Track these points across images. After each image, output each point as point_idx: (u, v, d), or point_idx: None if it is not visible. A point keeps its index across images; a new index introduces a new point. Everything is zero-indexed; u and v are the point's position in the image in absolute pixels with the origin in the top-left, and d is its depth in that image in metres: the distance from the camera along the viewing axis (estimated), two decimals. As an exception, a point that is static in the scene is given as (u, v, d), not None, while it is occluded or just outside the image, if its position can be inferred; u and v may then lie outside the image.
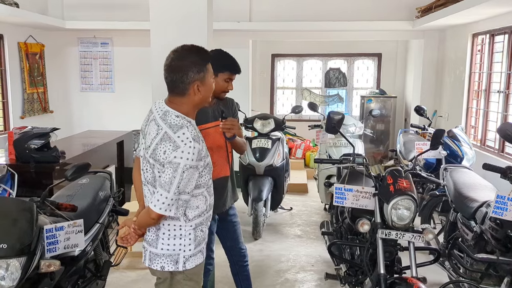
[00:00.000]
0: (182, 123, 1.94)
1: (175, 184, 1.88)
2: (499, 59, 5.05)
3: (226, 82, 2.69)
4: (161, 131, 1.93)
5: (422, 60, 6.91)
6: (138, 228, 2.09)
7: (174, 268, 2.05)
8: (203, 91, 2.00)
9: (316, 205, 6.07)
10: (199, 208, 2.07)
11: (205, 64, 2.00)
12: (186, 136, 1.90)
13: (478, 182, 3.58)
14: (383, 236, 2.65)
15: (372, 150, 7.95)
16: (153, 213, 1.94)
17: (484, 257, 2.66)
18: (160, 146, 1.91)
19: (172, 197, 1.91)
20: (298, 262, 4.30)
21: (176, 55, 1.99)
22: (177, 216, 2.02)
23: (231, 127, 2.57)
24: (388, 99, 8.03)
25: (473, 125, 5.78)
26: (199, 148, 1.92)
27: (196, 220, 2.07)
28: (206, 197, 2.10)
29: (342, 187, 2.87)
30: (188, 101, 2.00)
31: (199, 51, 2.03)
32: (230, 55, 2.76)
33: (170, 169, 1.88)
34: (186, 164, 1.88)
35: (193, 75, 1.95)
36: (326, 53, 8.61)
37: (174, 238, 2.04)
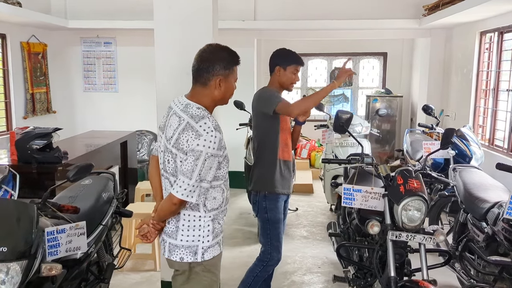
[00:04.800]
0: (203, 114, 2.02)
1: (196, 171, 1.95)
2: (508, 57, 4.96)
3: (293, 74, 3.00)
4: (183, 121, 2.00)
5: (429, 58, 6.82)
6: (157, 223, 2.13)
7: (193, 259, 2.09)
8: (224, 89, 2.09)
9: (322, 206, 6.00)
10: (216, 199, 2.11)
11: (232, 65, 2.11)
12: (207, 125, 1.97)
13: (489, 182, 3.51)
14: (394, 238, 2.58)
15: (377, 150, 7.87)
16: (175, 198, 1.99)
17: (498, 260, 2.59)
18: (183, 136, 1.97)
19: (194, 184, 1.96)
20: (305, 263, 4.23)
21: (209, 48, 2.13)
22: (197, 206, 2.07)
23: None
24: (394, 99, 7.95)
25: (481, 124, 5.69)
26: (220, 137, 2.00)
27: (214, 212, 2.12)
28: (223, 190, 2.15)
29: (350, 188, 2.81)
30: (209, 93, 2.08)
31: (231, 52, 2.14)
32: (292, 51, 3.07)
33: (193, 157, 1.94)
34: (208, 152, 1.94)
35: (219, 69, 2.06)
36: (331, 52, 8.53)
37: (194, 229, 2.08)
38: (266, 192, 3.00)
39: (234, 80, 2.16)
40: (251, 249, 4.54)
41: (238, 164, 5.60)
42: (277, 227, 3.02)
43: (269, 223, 3.02)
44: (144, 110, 6.63)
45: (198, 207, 2.09)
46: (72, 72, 7.16)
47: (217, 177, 2.09)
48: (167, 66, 3.16)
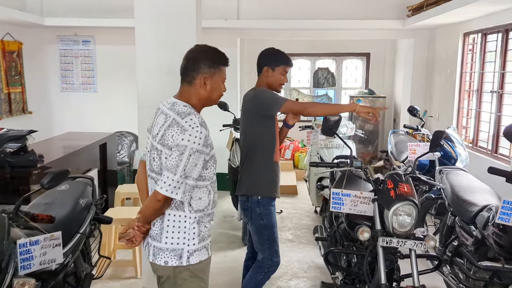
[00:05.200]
0: (190, 111, 2.01)
1: (181, 166, 1.91)
2: (492, 58, 4.97)
3: (282, 75, 2.94)
4: (169, 118, 1.99)
5: (412, 59, 6.82)
6: (142, 225, 2.09)
7: (178, 263, 2.03)
8: (209, 88, 2.07)
9: (307, 208, 5.93)
10: (202, 200, 2.06)
11: (219, 65, 2.09)
12: (193, 121, 1.96)
13: (476, 185, 3.48)
14: (384, 244, 2.51)
15: (361, 150, 7.85)
16: (159, 194, 1.95)
17: (489, 265, 2.54)
18: (168, 131, 1.96)
19: (178, 180, 1.92)
20: (290, 268, 4.15)
21: (197, 47, 2.15)
22: (182, 205, 2.03)
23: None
24: (377, 99, 7.94)
25: (464, 125, 5.71)
26: (206, 133, 1.97)
27: (200, 213, 2.07)
28: (210, 191, 2.10)
29: (339, 192, 2.73)
30: (194, 92, 2.07)
31: (218, 53, 2.13)
32: (281, 51, 3.00)
33: (177, 151, 1.92)
34: (192, 147, 1.92)
35: (204, 67, 2.05)
36: (314, 53, 8.49)
37: (179, 231, 2.03)
38: (259, 197, 2.92)
39: (222, 81, 2.12)
40: (236, 253, 4.44)
41: (222, 166, 5.46)
42: (274, 231, 2.97)
43: (265, 228, 2.94)
44: (124, 111, 6.44)
45: (183, 206, 2.03)
46: (48, 72, 6.92)
47: (203, 177, 2.04)
48: (148, 66, 3.03)
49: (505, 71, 4.67)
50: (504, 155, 4.65)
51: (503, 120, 4.72)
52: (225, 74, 2.14)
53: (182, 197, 1.97)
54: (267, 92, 2.92)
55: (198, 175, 2.00)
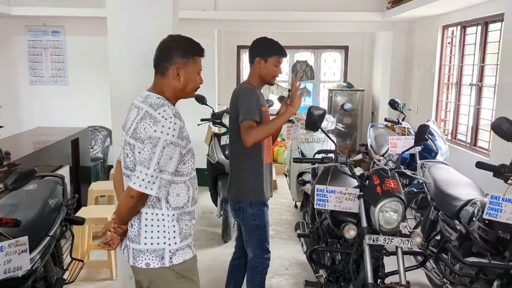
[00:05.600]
0: (163, 103, 1.92)
1: (155, 159, 1.81)
2: (471, 51, 4.97)
3: (275, 67, 2.78)
4: (142, 110, 1.90)
5: (391, 52, 6.80)
6: (118, 226, 1.98)
7: (160, 264, 1.93)
8: (183, 79, 1.97)
9: (287, 202, 5.85)
10: (180, 197, 1.96)
11: (192, 55, 1.99)
12: (167, 112, 1.86)
13: (458, 179, 3.45)
14: (371, 242, 2.43)
15: (339, 143, 7.81)
16: (133, 190, 1.84)
17: (475, 261, 2.50)
18: (141, 124, 1.87)
19: (152, 174, 1.82)
20: (272, 265, 3.98)
21: (170, 37, 2.05)
22: (159, 202, 1.92)
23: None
24: (355, 93, 7.92)
25: (443, 118, 5.72)
26: (181, 125, 1.87)
27: (179, 211, 1.96)
28: (188, 187, 2.00)
29: (324, 189, 2.64)
30: (167, 83, 1.97)
31: (192, 42, 2.03)
32: (275, 40, 2.83)
33: (150, 144, 1.82)
34: (166, 139, 1.82)
35: (176, 57, 1.95)
36: (292, 45, 8.37)
37: (158, 231, 1.93)
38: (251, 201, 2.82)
39: (197, 72, 2.02)
40: (215, 251, 4.32)
41: (200, 161, 5.32)
42: (266, 230, 2.90)
43: (257, 229, 2.85)
44: (98, 105, 6.21)
45: (159, 204, 1.93)
46: (16, 64, 6.60)
47: (180, 172, 1.94)
48: (121, 58, 2.86)
49: (484, 64, 4.67)
50: (483, 148, 4.66)
51: (482, 113, 4.73)
52: (200, 65, 2.03)
53: (158, 192, 1.85)
54: (247, 98, 2.72)
55: (175, 170, 1.90)
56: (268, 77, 2.80)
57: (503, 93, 4.17)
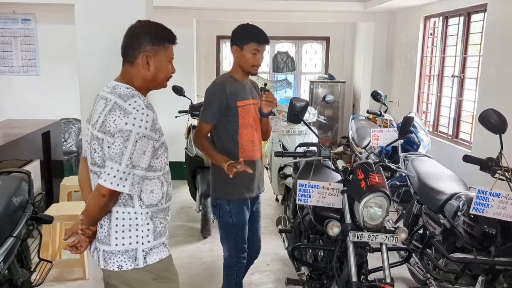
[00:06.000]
0: (134, 93, 1.79)
1: (127, 154, 1.69)
2: (453, 42, 4.92)
3: (253, 54, 2.57)
4: (110, 102, 1.77)
5: (373, 43, 6.73)
6: (86, 227, 1.85)
7: (133, 266, 1.80)
8: (153, 68, 1.83)
9: (267, 196, 5.73)
10: (154, 193, 1.84)
11: (162, 42, 1.85)
12: (138, 103, 1.73)
13: (442, 172, 3.40)
14: (355, 239, 2.34)
15: (320, 136, 7.66)
16: (103, 188, 1.71)
17: (461, 257, 2.43)
18: (109, 117, 1.73)
19: (125, 170, 1.69)
20: (252, 261, 3.94)
21: (138, 23, 1.90)
22: (131, 200, 1.79)
23: (270, 102, 2.59)
24: (336, 84, 7.85)
25: (424, 110, 5.68)
26: (153, 117, 1.75)
27: (152, 208, 1.85)
28: (162, 183, 1.88)
29: (306, 184, 2.53)
30: (136, 73, 1.84)
31: (163, 28, 1.90)
32: (254, 26, 2.64)
33: (121, 138, 1.69)
34: (138, 132, 1.69)
35: (145, 44, 1.81)
36: (273, 36, 8.23)
37: (130, 230, 1.81)
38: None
39: (168, 60, 1.89)
40: (194, 248, 4.19)
41: (178, 154, 5.19)
42: (243, 229, 2.75)
43: (234, 227, 2.71)
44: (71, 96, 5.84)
45: (132, 201, 1.80)
46: (-16, 53, 6.29)
47: (153, 167, 1.82)
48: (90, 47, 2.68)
49: (466, 55, 4.63)
50: (465, 140, 4.63)
51: (464, 105, 4.70)
52: (172, 53, 1.90)
53: (131, 189, 1.73)
54: (208, 97, 2.63)
55: (148, 165, 1.77)
56: (247, 66, 2.62)
57: (485, 85, 4.13)
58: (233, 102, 2.59)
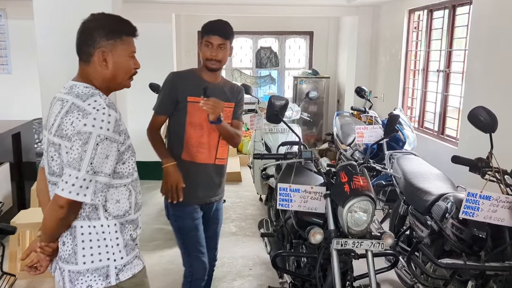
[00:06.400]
0: (93, 92, 1.62)
1: (86, 159, 1.51)
2: (438, 36, 4.81)
3: (206, 47, 2.41)
4: (67, 103, 1.60)
5: (357, 38, 6.61)
6: (46, 244, 1.65)
7: (105, 284, 1.64)
8: (112, 66, 1.66)
9: (251, 196, 5.60)
10: (120, 203, 1.67)
11: (119, 35, 1.67)
12: (98, 103, 1.57)
13: (429, 171, 3.28)
14: (339, 247, 2.20)
15: (305, 132, 7.62)
16: (61, 199, 1.52)
17: (450, 263, 2.31)
18: (66, 119, 1.56)
19: (85, 177, 1.52)
20: (234, 266, 3.80)
21: (91, 17, 1.71)
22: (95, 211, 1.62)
23: (213, 108, 2.28)
24: (320, 80, 7.72)
25: (409, 106, 5.58)
26: (116, 117, 1.58)
27: (120, 220, 1.68)
28: (130, 191, 1.70)
29: (287, 187, 2.38)
30: (94, 72, 1.67)
31: (118, 20, 1.72)
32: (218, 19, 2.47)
33: (79, 141, 1.52)
34: (100, 134, 1.53)
35: (99, 39, 1.64)
36: (256, 31, 8.07)
37: (99, 246, 1.63)
38: None
39: (129, 55, 1.71)
40: (173, 253, 4.00)
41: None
42: (192, 235, 2.50)
43: (181, 231, 2.51)
44: (45, 95, 5.71)
45: (97, 213, 1.63)
46: (-48, 50, 5.99)
47: (119, 174, 1.65)
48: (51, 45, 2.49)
49: (452, 49, 4.53)
50: (451, 137, 4.53)
51: (450, 100, 4.60)
52: (132, 47, 1.72)
53: (93, 198, 1.55)
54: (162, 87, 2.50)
55: (112, 171, 1.60)
56: (203, 60, 2.46)
57: (471, 79, 4.03)
58: (182, 96, 2.41)
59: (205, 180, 2.52)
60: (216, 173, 2.57)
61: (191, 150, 2.45)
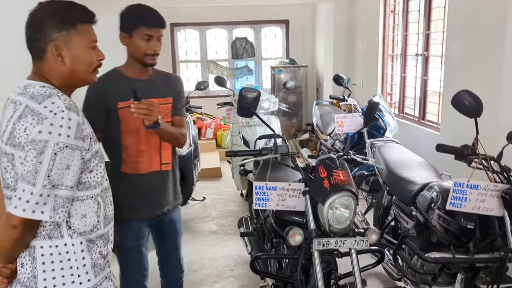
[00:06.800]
0: (51, 93, 1.42)
1: (43, 172, 1.32)
2: (415, 19, 4.69)
3: (144, 41, 2.05)
4: (20, 106, 1.40)
5: (333, 24, 6.46)
6: (2, 266, 1.47)
7: None
8: (69, 60, 1.46)
9: (232, 191, 5.43)
10: (86, 218, 1.48)
11: (73, 23, 1.46)
12: (56, 105, 1.37)
13: (411, 159, 3.16)
14: (320, 248, 2.05)
15: (285, 123, 7.47)
16: (14, 218, 1.34)
17: (438, 258, 2.20)
18: (19, 125, 1.37)
19: (41, 192, 1.33)
20: (215, 267, 3.63)
21: (40, 6, 1.48)
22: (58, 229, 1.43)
23: (148, 112, 1.95)
24: (298, 69, 7.56)
25: (389, 92, 5.47)
26: (78, 120, 1.39)
27: (86, 236, 1.48)
28: (99, 203, 1.52)
29: (263, 186, 2.22)
30: (50, 70, 1.46)
31: (71, 6, 1.50)
32: (145, 6, 2.12)
33: (34, 151, 1.33)
34: (58, 141, 1.33)
35: (50, 31, 1.43)
36: (231, 21, 7.86)
37: (62, 268, 1.44)
38: None
39: (88, 46, 1.49)
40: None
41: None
42: (133, 256, 2.23)
43: (120, 251, 2.20)
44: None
45: (59, 231, 1.44)
46: None
47: (86, 184, 1.46)
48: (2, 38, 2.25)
49: (429, 32, 4.41)
50: (432, 122, 4.44)
51: (430, 85, 4.49)
52: (92, 35, 1.51)
53: (53, 216, 1.36)
54: (85, 101, 2.12)
55: (76, 182, 1.40)
56: (139, 55, 2.07)
57: (450, 62, 3.92)
58: (113, 104, 2.09)
59: (152, 191, 2.21)
60: (164, 180, 2.25)
61: (131, 161, 2.14)
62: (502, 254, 2.08)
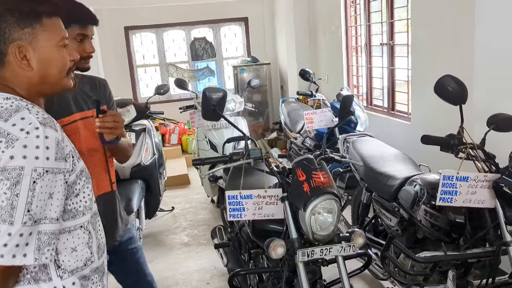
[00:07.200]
0: (18, 106, 1.14)
1: (21, 206, 1.06)
2: (378, 7, 4.60)
3: (77, 41, 1.69)
4: None
5: (293, 19, 6.32)
6: None
7: None
8: (35, 64, 1.19)
9: (202, 198, 5.19)
10: (77, 251, 1.22)
11: (38, 18, 1.18)
12: (28, 121, 1.10)
13: (388, 152, 3.04)
14: (305, 259, 1.86)
15: (251, 123, 7.28)
16: None
17: (429, 257, 2.05)
18: None
19: (21, 231, 1.07)
20: (189, 282, 3.39)
21: None
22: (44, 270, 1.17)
23: (115, 125, 1.69)
24: (261, 67, 7.38)
25: (355, 84, 5.38)
26: (57, 137, 1.13)
27: (79, 273, 1.23)
28: (90, 233, 1.27)
29: (237, 195, 2.01)
30: (14, 76, 1.18)
31: None
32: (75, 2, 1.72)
33: (7, 181, 1.06)
34: (36, 166, 1.08)
35: (10, 29, 1.15)
36: (188, 21, 7.58)
37: None
38: None
39: (59, 44, 1.23)
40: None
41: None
42: None
43: None
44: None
45: (46, 272, 1.18)
46: None
47: (73, 212, 1.21)
48: None
49: (393, 20, 4.32)
50: (402, 112, 4.35)
51: (397, 74, 4.40)
52: (61, 31, 1.24)
53: (38, 257, 1.10)
54: None
55: (61, 212, 1.15)
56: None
57: (417, 49, 3.83)
58: None
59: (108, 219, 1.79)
60: (114, 202, 1.92)
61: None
62: (495, 248, 1.96)
